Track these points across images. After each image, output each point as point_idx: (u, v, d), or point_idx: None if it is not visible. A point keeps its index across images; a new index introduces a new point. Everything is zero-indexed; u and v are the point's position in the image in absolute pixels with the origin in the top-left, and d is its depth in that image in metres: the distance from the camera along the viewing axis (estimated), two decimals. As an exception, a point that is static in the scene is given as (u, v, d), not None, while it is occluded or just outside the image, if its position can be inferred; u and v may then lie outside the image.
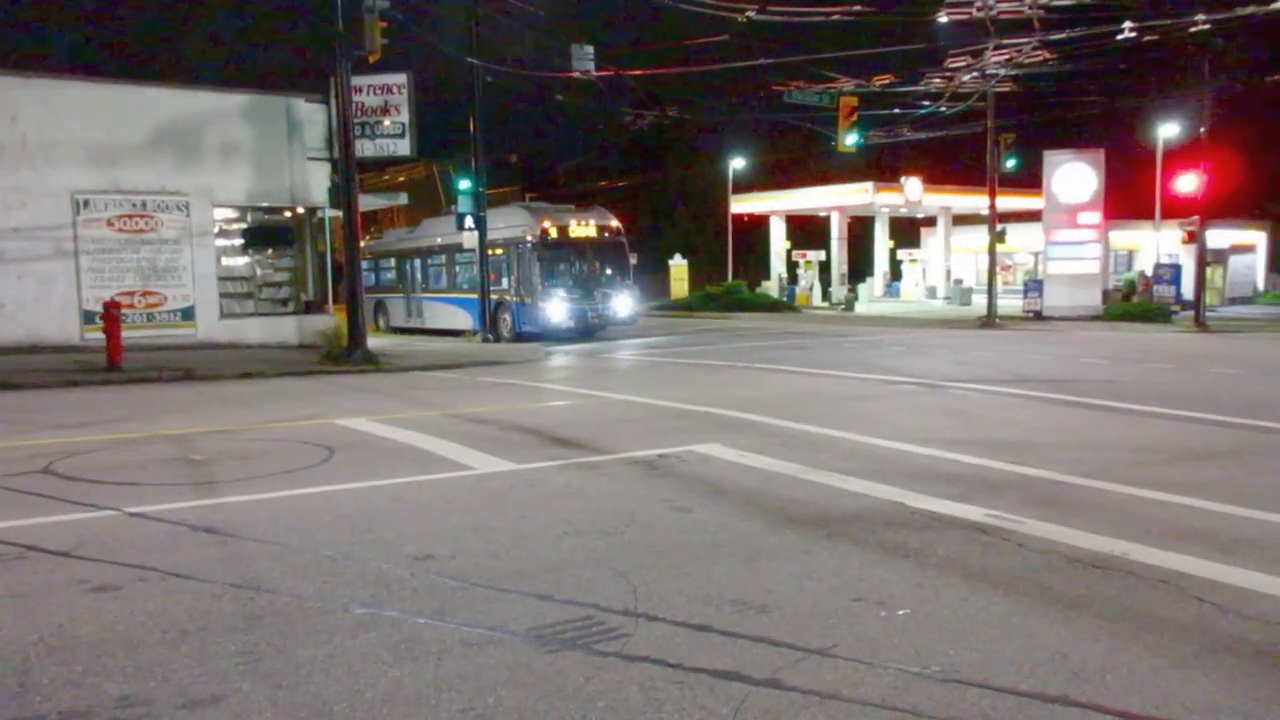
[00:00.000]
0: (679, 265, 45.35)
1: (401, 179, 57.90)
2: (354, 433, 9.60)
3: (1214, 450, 8.41)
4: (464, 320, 26.01)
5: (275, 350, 19.34)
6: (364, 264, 31.74)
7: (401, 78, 20.04)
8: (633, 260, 25.70)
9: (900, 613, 4.31)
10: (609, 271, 24.77)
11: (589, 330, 24.44)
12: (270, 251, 21.94)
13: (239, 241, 21.61)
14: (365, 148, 19.58)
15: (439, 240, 27.46)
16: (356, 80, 18.16)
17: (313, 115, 20.93)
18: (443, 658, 3.85)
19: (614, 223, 25.01)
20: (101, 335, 15.91)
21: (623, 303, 24.63)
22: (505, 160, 54.60)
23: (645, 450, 8.33)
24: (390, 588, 4.72)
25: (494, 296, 24.45)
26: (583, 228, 24.19)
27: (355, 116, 18.15)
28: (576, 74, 23.02)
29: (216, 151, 20.18)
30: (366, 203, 24.06)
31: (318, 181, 21.03)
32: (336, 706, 3.42)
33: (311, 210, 21.50)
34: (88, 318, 18.51)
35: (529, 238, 23.57)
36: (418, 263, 29.00)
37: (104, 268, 19.05)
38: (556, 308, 23.40)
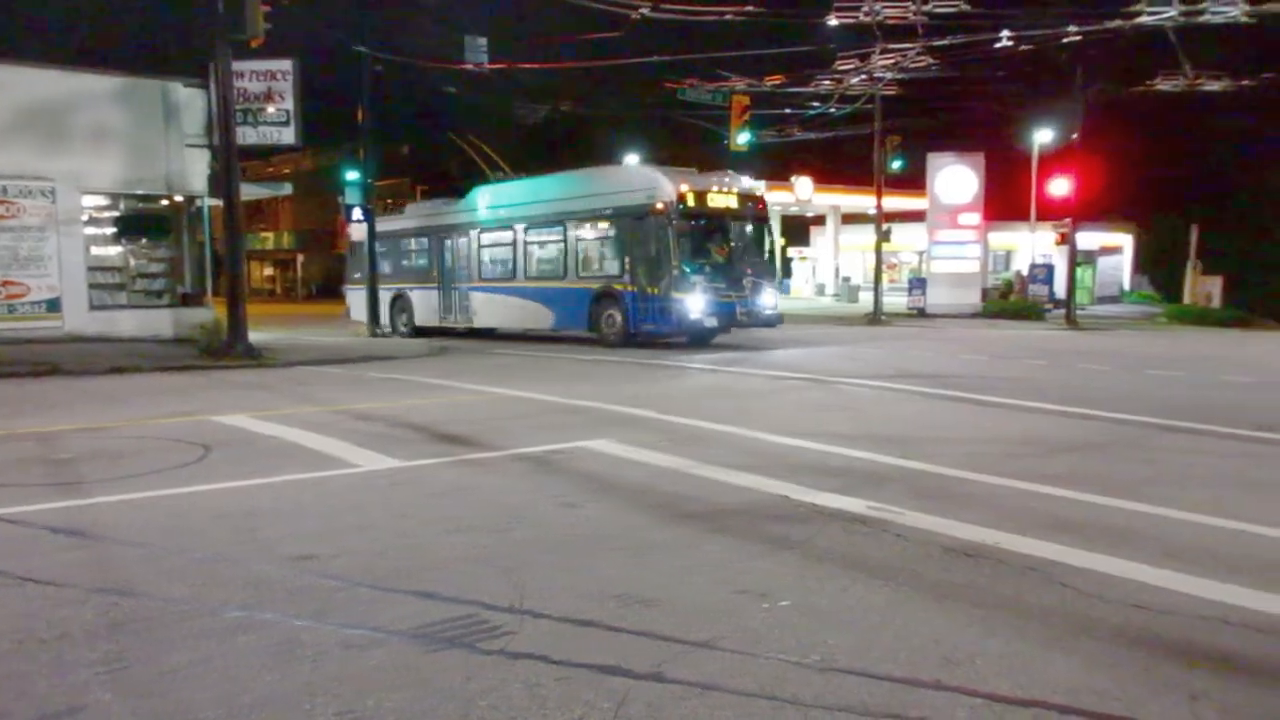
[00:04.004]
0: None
1: (287, 170, 56.26)
2: (232, 430, 9.27)
3: (1083, 442, 8.81)
4: (543, 319, 20.88)
5: (150, 344, 18.55)
6: (379, 246, 25.15)
7: (286, 64, 19.47)
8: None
9: (782, 604, 4.38)
10: (754, 255, 19.51)
11: (718, 331, 19.34)
12: (145, 241, 21.00)
13: (111, 230, 20.64)
14: (247, 135, 18.96)
15: (502, 212, 22.21)
16: (238, 65, 17.54)
17: (191, 100, 20.15)
18: (321, 660, 3.74)
19: (758, 190, 19.81)
20: (-42, 328, 15.01)
21: (769, 297, 19.24)
22: (396, 151, 53.51)
23: (535, 446, 8.28)
24: (268, 589, 4.57)
25: (594, 285, 19.57)
26: (724, 195, 18.82)
27: (237, 103, 17.53)
28: (469, 66, 22.72)
29: (86, 136, 19.23)
30: (249, 192, 23.30)
31: (196, 169, 20.26)
32: (206, 713, 3.29)
33: (190, 199, 20.69)
34: (-57, 309, 17.43)
35: (659, 205, 18.10)
36: (463, 242, 23.14)
37: (-40, 256, 17.97)
38: (696, 301, 17.96)
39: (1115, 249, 47.51)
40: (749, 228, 19.32)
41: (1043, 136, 37.74)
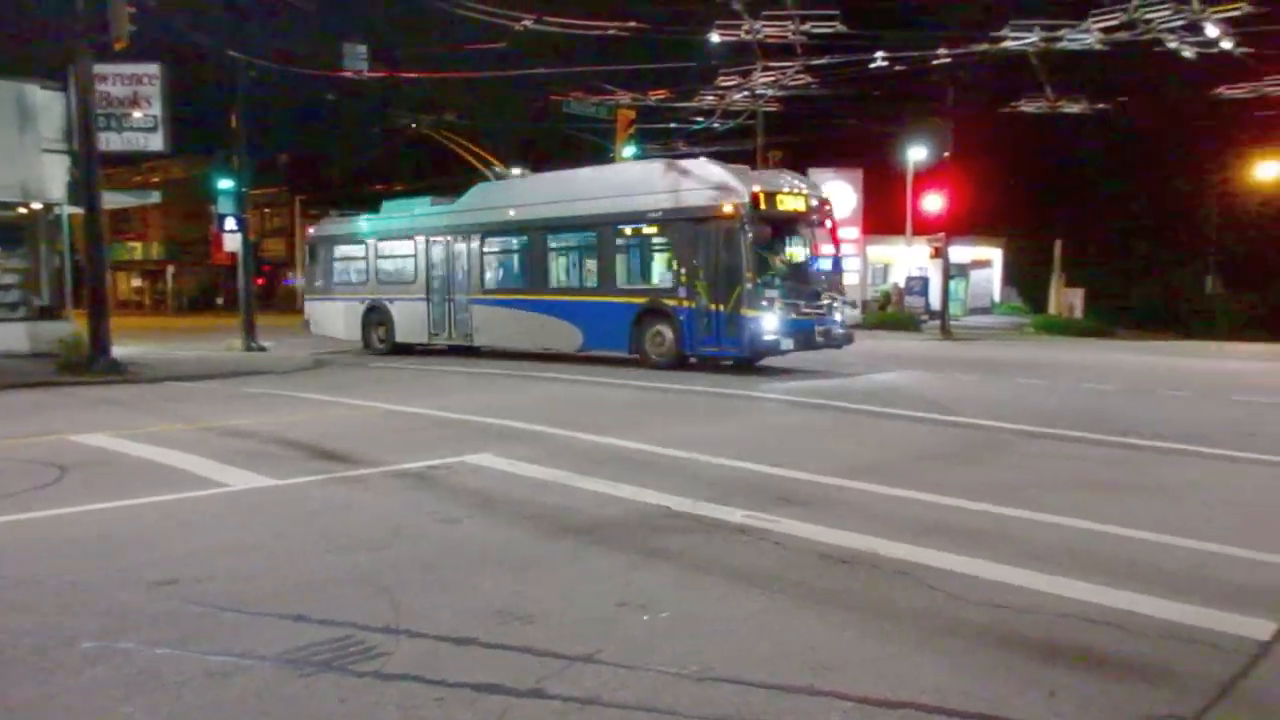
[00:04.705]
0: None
1: (157, 178, 54.07)
2: (92, 450, 8.81)
3: (954, 449, 9.14)
4: (568, 338, 18.21)
5: (2, 360, 17.49)
6: (341, 251, 22.79)
7: (153, 68, 18.69)
8: None
9: (662, 615, 4.39)
10: (824, 265, 17.23)
11: (780, 354, 16.36)
12: (-2, 251, 19.83)
13: (-41, 240, 19.42)
14: (111, 141, 18.12)
15: (514, 213, 19.17)
16: (101, 68, 16.77)
17: (50, 104, 19.11)
18: (183, 690, 3.58)
19: (824, 192, 17.79)
20: None
21: (840, 314, 17.02)
22: (273, 160, 52.01)
23: (414, 462, 8.11)
24: (126, 618, 4.35)
25: (638, 300, 16.99)
26: (795, 197, 16.51)
27: (100, 107, 16.76)
28: (349, 74, 22.24)
29: (-69, 139, 18.07)
30: (113, 200, 22.26)
31: (55, 176, 19.21)
32: (53, 753, 3.11)
33: (48, 206, 19.63)
34: None
35: (728, 209, 15.60)
36: (462, 247, 20.12)
37: None
38: (771, 319, 15.49)
39: (986, 262, 49.49)
40: (819, 234, 17.06)
41: (917, 154, 39.10)
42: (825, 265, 17.15)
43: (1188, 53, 17.87)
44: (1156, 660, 3.92)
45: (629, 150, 26.78)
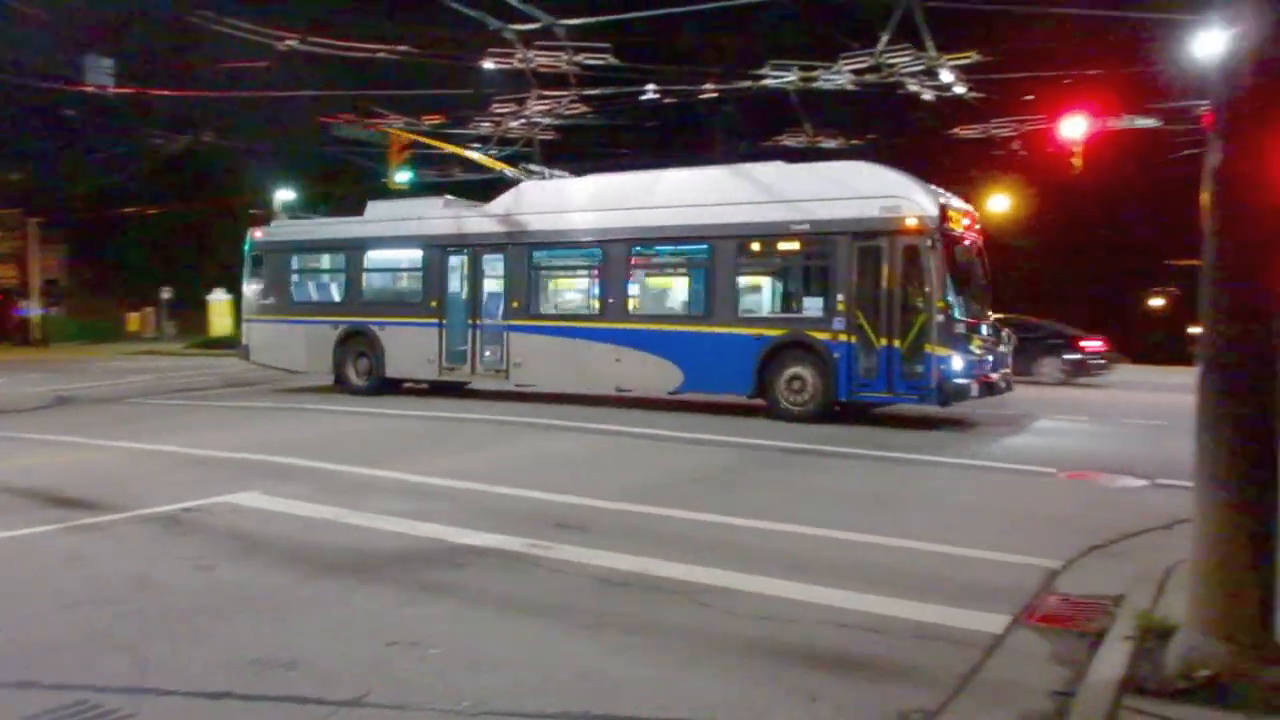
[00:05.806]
0: (221, 301, 42.17)
1: None
2: None
3: (720, 468, 9.48)
4: (661, 377, 14.53)
5: None
6: (302, 262, 19.29)
7: None
8: None
9: (434, 651, 4.27)
10: (988, 298, 14.49)
11: (935, 400, 12.63)
12: None
13: None
14: None
15: (581, 219, 15.72)
16: None
17: None
18: (-124, 779, 3.14)
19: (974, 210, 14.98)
20: None
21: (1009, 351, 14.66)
22: (4, 178, 47.33)
23: (167, 504, 7.51)
24: None
25: (770, 332, 13.69)
26: (963, 213, 13.91)
27: None
28: (91, 88, 20.56)
29: None
30: None
31: None
32: None
33: None
34: None
35: (910, 223, 12.69)
36: (495, 261, 16.55)
37: None
38: (961, 358, 12.65)
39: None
40: (984, 260, 14.42)
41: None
42: (987, 294, 14.45)
43: (927, 95, 19.44)
44: (906, 659, 4.19)
45: (403, 175, 26.15)
